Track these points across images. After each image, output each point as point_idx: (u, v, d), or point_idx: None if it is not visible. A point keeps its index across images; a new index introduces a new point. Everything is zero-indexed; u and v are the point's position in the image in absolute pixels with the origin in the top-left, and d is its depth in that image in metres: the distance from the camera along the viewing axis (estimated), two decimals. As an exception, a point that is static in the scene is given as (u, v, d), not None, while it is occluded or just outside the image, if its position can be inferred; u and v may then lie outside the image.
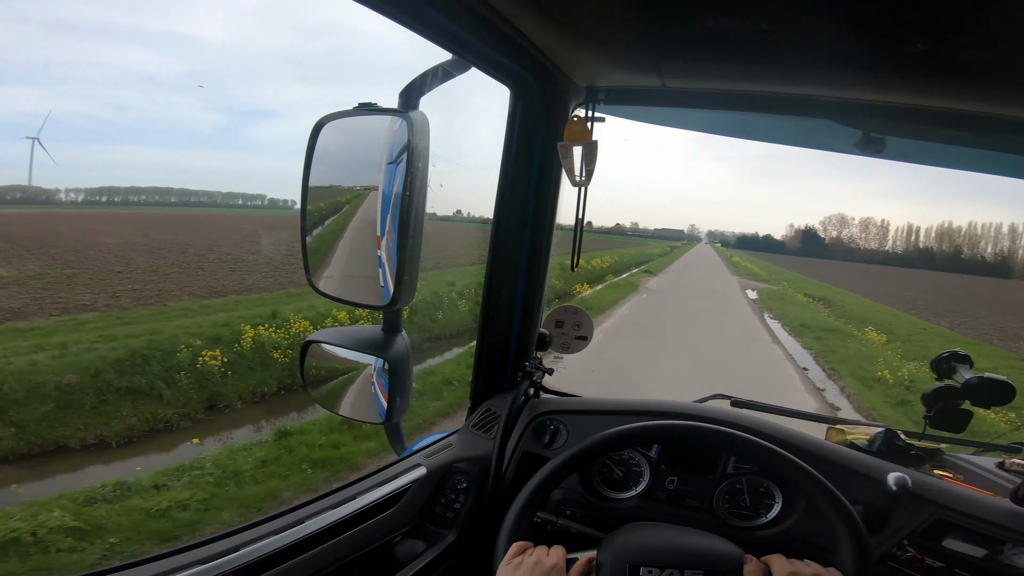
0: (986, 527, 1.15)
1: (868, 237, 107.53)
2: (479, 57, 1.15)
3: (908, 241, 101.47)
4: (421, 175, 1.10)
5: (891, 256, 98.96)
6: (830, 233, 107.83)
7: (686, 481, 1.33)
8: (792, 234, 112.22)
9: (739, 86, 1.17)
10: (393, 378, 1.25)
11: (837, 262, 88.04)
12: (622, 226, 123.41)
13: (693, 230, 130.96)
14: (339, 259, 1.28)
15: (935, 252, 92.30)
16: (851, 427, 1.49)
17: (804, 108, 1.18)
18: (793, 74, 1.02)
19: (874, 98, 1.09)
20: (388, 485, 1.25)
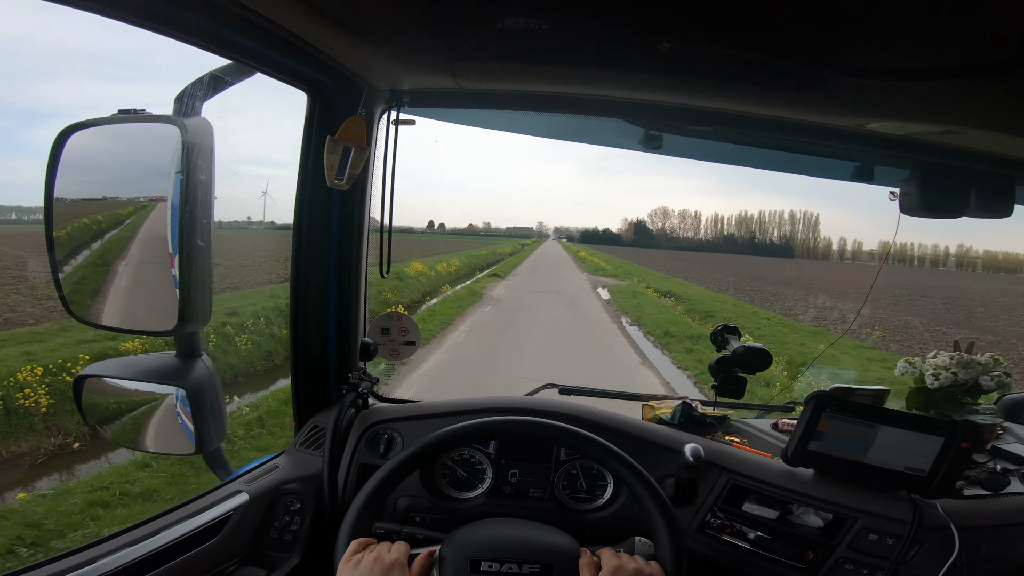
0: (770, 488, 1.29)
1: (686, 227, 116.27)
2: (264, 63, 1.09)
3: (716, 229, 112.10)
4: (204, 185, 1.02)
5: (705, 243, 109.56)
6: (656, 225, 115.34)
7: (527, 473, 1.38)
8: (626, 227, 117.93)
9: (533, 87, 1.22)
10: (197, 406, 1.15)
11: (664, 251, 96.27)
12: (475, 227, 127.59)
13: (542, 227, 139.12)
14: (120, 280, 1.15)
15: (736, 237, 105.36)
16: (659, 402, 1.66)
17: (596, 108, 1.27)
18: (581, 75, 1.08)
19: (647, 97, 1.20)
20: (205, 514, 1.17)
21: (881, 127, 1.09)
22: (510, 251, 62.66)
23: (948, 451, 1.19)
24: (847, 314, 18.13)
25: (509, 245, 79.57)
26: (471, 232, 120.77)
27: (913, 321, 18.55)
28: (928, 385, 1.46)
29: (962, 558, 1.15)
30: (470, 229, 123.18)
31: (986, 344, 15.17)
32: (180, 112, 1.08)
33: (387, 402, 1.56)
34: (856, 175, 1.42)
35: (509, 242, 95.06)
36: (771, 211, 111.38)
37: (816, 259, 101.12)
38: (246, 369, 8.37)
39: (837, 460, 1.26)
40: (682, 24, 0.84)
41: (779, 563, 1.24)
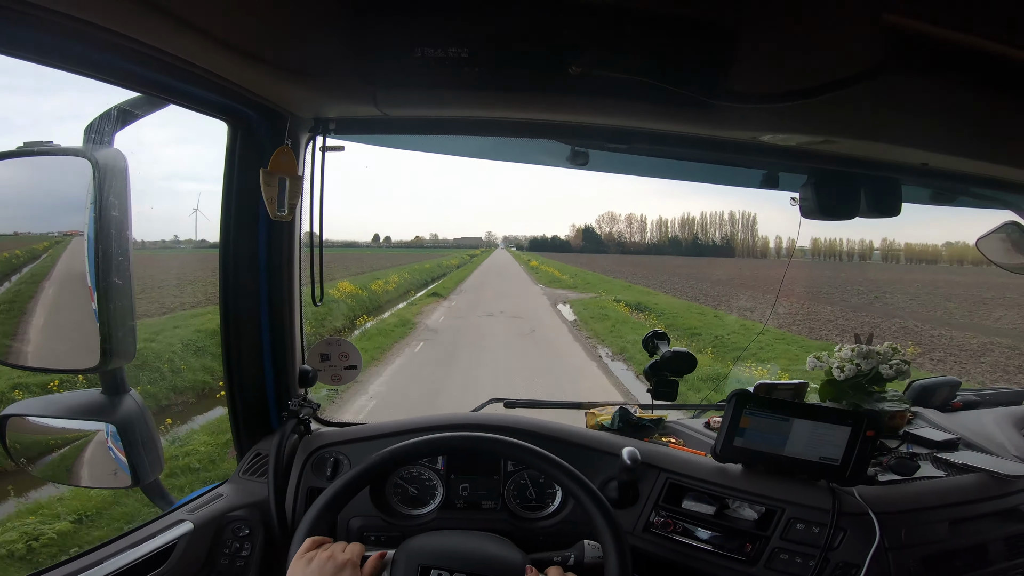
0: (704, 485, 1.35)
1: (633, 231, 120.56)
2: (178, 96, 1.10)
3: (662, 232, 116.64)
4: (117, 222, 1.02)
5: (651, 246, 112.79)
6: (604, 230, 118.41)
7: (477, 486, 1.41)
8: (574, 234, 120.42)
9: (456, 112, 1.26)
10: (129, 440, 1.15)
11: (613, 256, 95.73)
12: (422, 239, 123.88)
13: (490, 237, 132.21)
14: (38, 318, 1.14)
15: (681, 239, 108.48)
16: (600, 409, 1.71)
17: (521, 129, 1.32)
18: (502, 99, 1.12)
19: (567, 118, 1.25)
20: (148, 543, 1.17)
21: (772, 139, 1.18)
22: (457, 263, 57.49)
23: (856, 440, 1.27)
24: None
25: (457, 256, 74.11)
26: (418, 245, 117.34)
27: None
28: (836, 377, 1.56)
29: (884, 543, 1.22)
30: (417, 241, 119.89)
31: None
32: (91, 142, 1.06)
33: (331, 426, 1.57)
34: (764, 182, 1.51)
35: (458, 253, 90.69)
36: (712, 212, 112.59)
37: (755, 257, 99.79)
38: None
39: (759, 454, 1.33)
40: (587, 48, 0.90)
41: (722, 556, 1.29)
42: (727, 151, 1.30)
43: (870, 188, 1.41)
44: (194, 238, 37.43)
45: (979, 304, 24.45)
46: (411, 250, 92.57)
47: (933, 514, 1.30)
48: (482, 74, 0.96)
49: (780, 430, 1.31)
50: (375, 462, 1.15)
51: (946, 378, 1.91)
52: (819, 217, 1.41)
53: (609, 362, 10.84)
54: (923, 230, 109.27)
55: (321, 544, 1.00)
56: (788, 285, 25.83)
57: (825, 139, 1.12)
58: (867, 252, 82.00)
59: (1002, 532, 1.32)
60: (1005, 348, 13.64)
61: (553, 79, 0.97)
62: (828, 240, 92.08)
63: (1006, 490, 1.37)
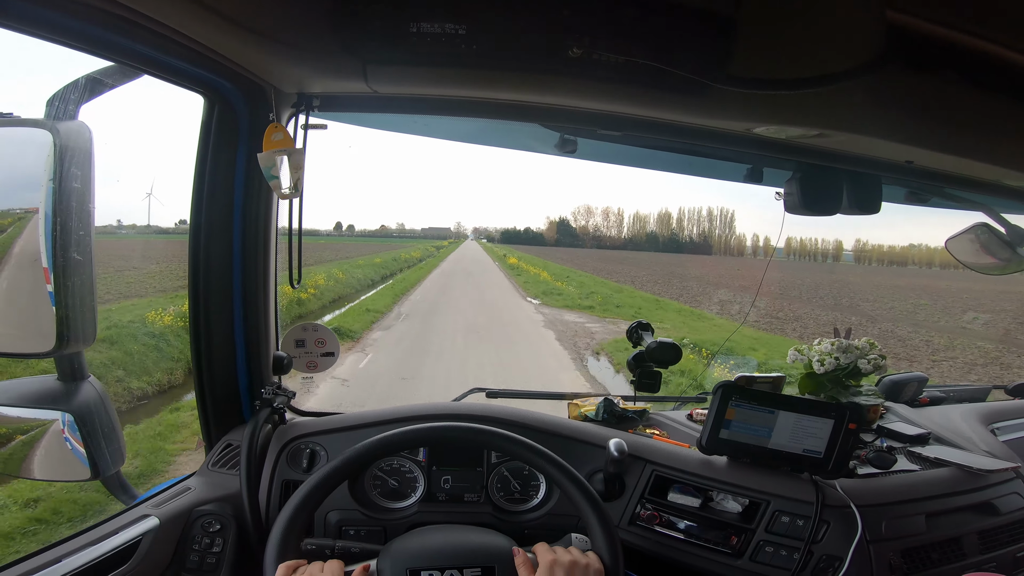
0: (690, 477, 1.35)
1: (610, 224, 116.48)
2: (152, 66, 1.04)
3: (639, 226, 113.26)
4: (79, 194, 0.95)
5: (629, 241, 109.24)
6: (580, 223, 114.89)
7: (460, 478, 1.38)
8: (548, 226, 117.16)
9: (448, 92, 1.22)
10: (88, 430, 1.08)
11: (591, 250, 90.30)
12: (387, 228, 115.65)
13: (460, 228, 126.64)
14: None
15: (658, 235, 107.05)
16: (583, 400, 1.71)
17: (512, 113, 1.29)
18: (497, 79, 1.09)
19: (560, 102, 1.23)
20: (111, 540, 1.11)
21: (765, 131, 1.18)
22: (419, 256, 46.60)
23: (838, 432, 1.29)
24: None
25: (420, 248, 65.00)
26: (382, 234, 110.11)
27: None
28: (815, 371, 1.59)
29: (866, 536, 1.24)
30: (382, 231, 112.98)
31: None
32: (53, 115, 1.00)
33: (307, 416, 1.51)
34: (748, 176, 1.52)
35: (423, 244, 79.78)
36: (691, 208, 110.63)
37: (733, 255, 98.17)
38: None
39: (745, 446, 1.34)
40: (588, 31, 0.89)
41: (708, 549, 1.29)
42: (719, 142, 1.30)
43: (853, 184, 1.43)
44: (148, 223, 35.45)
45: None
46: (374, 240, 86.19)
47: (910, 507, 1.33)
48: (479, 52, 0.93)
49: (766, 422, 1.32)
50: (355, 454, 1.11)
51: (914, 374, 1.97)
52: (803, 212, 1.42)
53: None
54: (890, 231, 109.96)
55: (296, 568, 0.95)
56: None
57: (818, 133, 1.13)
58: (838, 252, 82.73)
59: (976, 526, 1.36)
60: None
61: (551, 61, 0.94)
62: (801, 240, 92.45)
63: (978, 484, 1.42)
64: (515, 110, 1.27)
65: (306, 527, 1.07)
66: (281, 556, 0.98)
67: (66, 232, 0.93)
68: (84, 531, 1.14)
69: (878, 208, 1.47)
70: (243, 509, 1.26)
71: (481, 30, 0.91)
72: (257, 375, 1.41)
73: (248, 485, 1.27)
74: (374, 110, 1.32)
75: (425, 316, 14.64)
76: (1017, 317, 19.92)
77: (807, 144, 1.23)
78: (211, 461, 1.37)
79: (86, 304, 0.99)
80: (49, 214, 0.94)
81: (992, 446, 1.58)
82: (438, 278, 27.79)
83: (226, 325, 1.35)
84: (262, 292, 1.37)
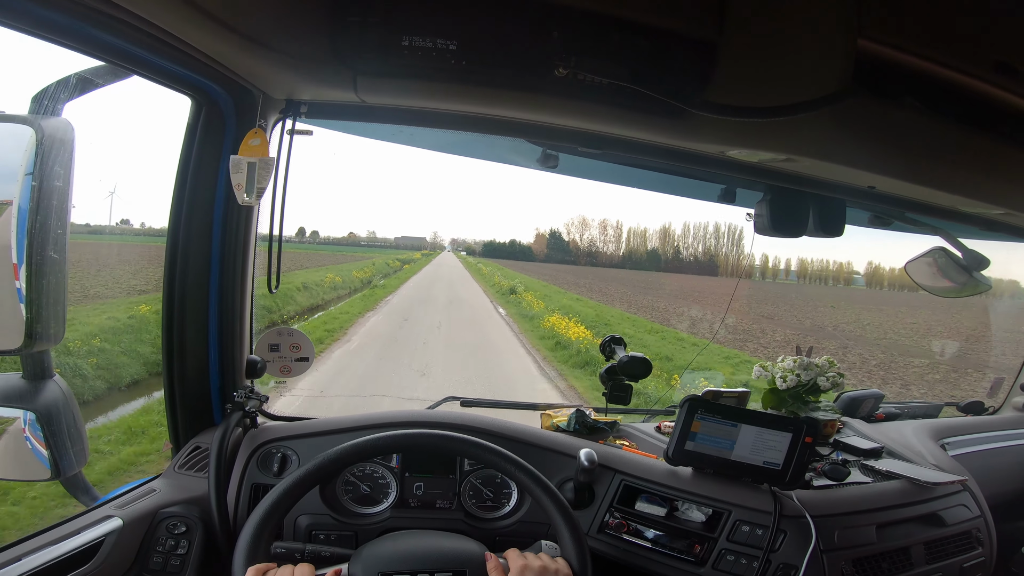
0: (656, 487, 1.39)
1: (607, 239, 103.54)
2: (141, 66, 1.04)
3: (637, 242, 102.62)
4: (60, 192, 0.95)
5: (627, 259, 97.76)
6: (573, 236, 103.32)
7: (432, 485, 1.39)
8: (537, 239, 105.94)
9: (436, 104, 1.24)
10: (52, 430, 1.06)
11: (583, 268, 80.00)
12: (356, 236, 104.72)
13: (436, 238, 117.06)
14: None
15: (660, 252, 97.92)
16: (556, 411, 1.73)
17: (497, 127, 1.32)
18: (484, 95, 1.11)
19: (544, 119, 1.26)
20: (72, 540, 1.09)
21: (738, 154, 1.24)
22: (375, 273, 31.11)
23: (796, 446, 1.34)
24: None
25: (383, 262, 43.26)
26: (350, 242, 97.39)
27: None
28: (778, 387, 1.66)
29: (820, 545, 1.29)
30: (350, 238, 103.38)
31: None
32: (39, 111, 1.01)
33: (279, 420, 1.50)
34: (722, 197, 1.58)
35: (388, 256, 58.06)
36: (696, 223, 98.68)
37: (739, 277, 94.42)
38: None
39: (709, 457, 1.38)
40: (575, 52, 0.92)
41: (673, 557, 1.33)
42: (694, 163, 1.35)
43: (819, 208, 1.50)
44: (107, 223, 33.39)
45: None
46: (339, 249, 76.92)
47: (862, 518, 1.38)
48: (468, 68, 0.96)
49: (728, 435, 1.37)
50: (328, 459, 1.12)
51: (871, 391, 2.06)
52: (771, 233, 1.49)
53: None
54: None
55: (266, 572, 0.95)
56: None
57: (787, 158, 1.19)
58: (849, 276, 77.63)
59: (923, 536, 1.43)
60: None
61: (538, 79, 0.98)
62: (809, 260, 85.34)
63: (926, 496, 1.49)
64: (500, 125, 1.30)
65: (276, 532, 1.07)
66: (251, 559, 0.98)
67: (44, 230, 0.92)
68: (44, 530, 1.12)
69: (842, 231, 1.54)
70: (211, 512, 1.26)
71: (471, 46, 0.94)
72: (230, 378, 1.40)
73: (216, 488, 1.27)
74: (361, 119, 1.34)
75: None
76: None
77: (777, 168, 1.30)
78: (178, 463, 1.35)
79: (58, 302, 0.99)
80: (26, 211, 0.93)
81: (941, 460, 1.66)
82: (408, 296, 21.33)
83: (200, 326, 1.35)
84: (239, 295, 1.37)
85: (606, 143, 1.32)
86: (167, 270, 1.30)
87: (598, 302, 24.00)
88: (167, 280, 1.31)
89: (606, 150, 1.35)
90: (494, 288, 26.83)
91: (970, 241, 1.80)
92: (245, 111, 1.24)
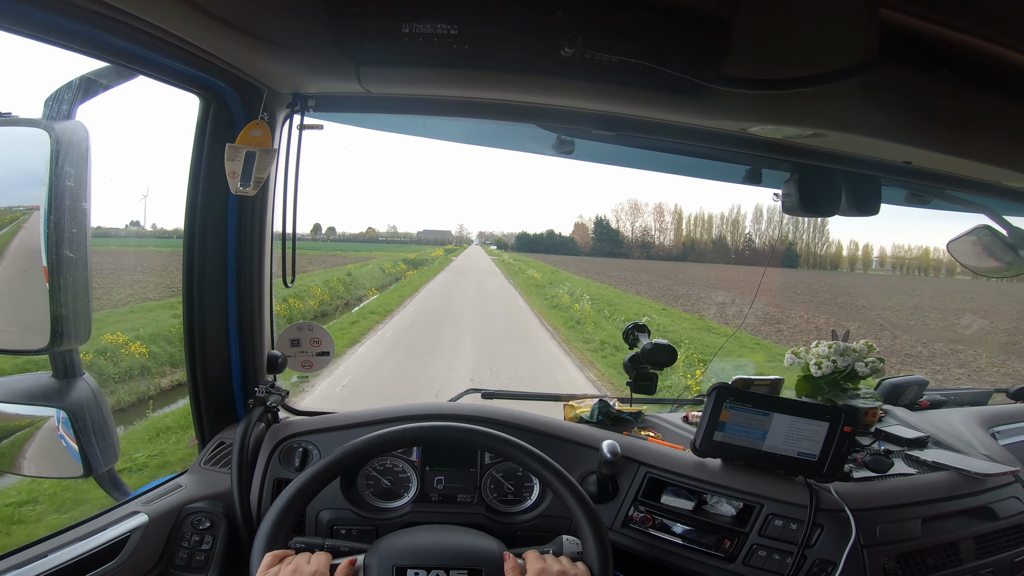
0: (684, 480, 1.35)
1: (664, 226, 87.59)
2: (148, 67, 1.05)
3: (701, 229, 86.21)
4: (72, 192, 0.97)
5: (688, 249, 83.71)
6: (624, 225, 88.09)
7: (453, 479, 1.38)
8: (577, 229, 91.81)
9: (442, 92, 1.22)
10: (81, 427, 1.09)
11: (638, 261, 69.81)
12: (374, 231, 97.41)
13: (463, 231, 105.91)
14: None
15: (728, 242, 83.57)
16: (579, 402, 1.70)
17: (508, 113, 1.29)
18: (490, 79, 1.09)
19: (555, 102, 1.22)
20: (99, 535, 1.12)
21: (761, 131, 1.18)
22: (328, 299, 15.19)
23: (833, 435, 1.28)
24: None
25: (376, 265, 27.79)
26: (368, 238, 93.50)
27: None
28: (813, 373, 1.58)
29: (860, 540, 1.23)
30: (369, 234, 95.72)
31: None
32: (50, 115, 1.02)
33: (300, 415, 1.52)
34: (747, 178, 1.51)
35: (399, 253, 49.43)
36: (770, 206, 70.20)
37: (824, 269, 73.15)
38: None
39: (739, 448, 1.33)
40: (581, 31, 0.89)
41: (701, 552, 1.28)
42: (714, 142, 1.29)
43: (851, 186, 1.42)
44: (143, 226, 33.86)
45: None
46: (356, 246, 70.09)
47: (906, 511, 1.31)
48: (471, 53, 0.94)
49: (760, 424, 1.31)
50: (349, 451, 1.12)
51: (914, 377, 1.96)
52: (800, 213, 1.41)
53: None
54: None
55: (283, 558, 0.96)
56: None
57: (814, 132, 1.12)
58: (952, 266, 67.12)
59: (972, 530, 1.35)
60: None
61: (543, 60, 0.95)
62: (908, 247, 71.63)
63: (976, 488, 1.40)
64: (509, 110, 1.27)
65: (296, 523, 1.08)
66: (270, 546, 0.99)
67: (59, 229, 0.94)
68: (74, 526, 1.15)
69: (877, 209, 1.46)
70: (234, 507, 1.27)
71: (472, 30, 0.92)
72: (251, 374, 1.42)
73: (239, 483, 1.28)
74: (368, 110, 1.32)
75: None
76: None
77: (804, 144, 1.23)
78: (203, 459, 1.37)
79: (80, 302, 1.01)
80: (46, 212, 0.95)
81: (992, 450, 1.56)
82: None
83: (220, 323, 1.36)
84: (256, 291, 1.38)
85: (620, 124, 1.27)
86: (185, 268, 1.32)
87: (667, 304, 18.33)
88: (185, 278, 1.33)
89: (621, 132, 1.30)
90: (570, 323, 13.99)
91: (1016, 219, 1.69)
92: (253, 107, 1.24)
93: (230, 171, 1.17)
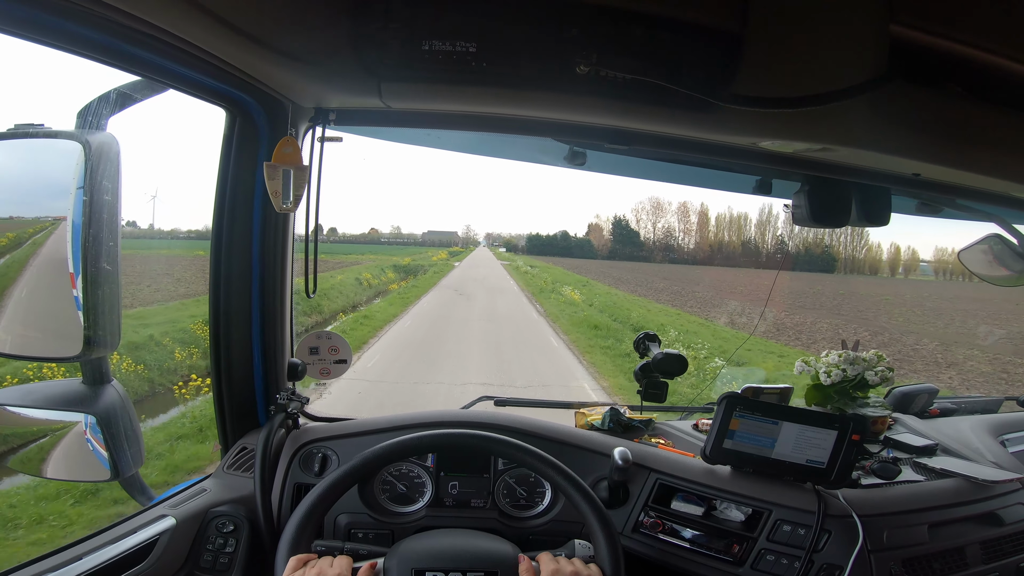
0: (693, 486, 1.38)
1: (690, 227, 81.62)
2: (177, 81, 1.08)
3: (733, 232, 78.92)
4: (109, 206, 0.99)
5: (716, 253, 75.73)
6: (645, 226, 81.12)
7: (467, 484, 1.41)
8: (592, 230, 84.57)
9: (460, 107, 1.25)
10: (111, 432, 1.12)
11: (660, 265, 62.27)
12: (377, 232, 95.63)
13: (469, 232, 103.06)
14: (17, 304, 1.10)
15: (759, 244, 76.90)
16: (590, 409, 1.72)
17: (523, 127, 1.32)
18: (507, 95, 1.11)
19: (570, 118, 1.25)
20: (129, 539, 1.16)
21: (771, 145, 1.20)
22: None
23: (842, 443, 1.30)
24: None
25: (354, 274, 22.09)
26: (370, 239, 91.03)
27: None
28: (822, 382, 1.60)
29: (867, 546, 1.25)
30: (371, 235, 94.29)
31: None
32: (84, 127, 1.06)
33: (319, 421, 1.55)
34: (757, 188, 1.53)
35: (393, 257, 46.77)
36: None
37: (864, 274, 67.04)
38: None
39: (748, 456, 1.35)
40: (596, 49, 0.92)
41: (710, 557, 1.30)
42: (725, 155, 1.31)
43: (861, 197, 1.44)
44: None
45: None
46: (348, 247, 66.15)
47: (913, 517, 1.33)
48: (488, 69, 0.97)
49: (769, 432, 1.33)
50: (368, 458, 1.15)
51: (924, 385, 1.96)
52: (810, 224, 1.43)
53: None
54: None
55: (307, 562, 0.98)
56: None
57: (823, 147, 1.14)
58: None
59: (979, 536, 1.37)
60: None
61: (559, 77, 0.97)
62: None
63: (983, 495, 1.42)
64: (524, 124, 1.30)
65: (318, 528, 1.11)
66: (294, 550, 1.02)
67: (97, 243, 0.97)
68: (103, 530, 1.18)
69: (887, 220, 1.47)
70: (256, 511, 1.30)
71: (491, 48, 0.95)
72: (272, 381, 1.45)
73: (262, 487, 1.31)
74: (388, 124, 1.36)
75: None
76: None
77: (814, 157, 1.25)
78: (227, 464, 1.41)
79: (113, 311, 1.03)
80: (79, 225, 0.97)
81: (1000, 457, 1.58)
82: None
83: (244, 332, 1.40)
84: (279, 300, 1.41)
85: (634, 139, 1.30)
86: (212, 277, 1.36)
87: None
88: (212, 287, 1.36)
89: (634, 146, 1.33)
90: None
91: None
92: (277, 120, 1.27)
93: (272, 190, 1.21)
